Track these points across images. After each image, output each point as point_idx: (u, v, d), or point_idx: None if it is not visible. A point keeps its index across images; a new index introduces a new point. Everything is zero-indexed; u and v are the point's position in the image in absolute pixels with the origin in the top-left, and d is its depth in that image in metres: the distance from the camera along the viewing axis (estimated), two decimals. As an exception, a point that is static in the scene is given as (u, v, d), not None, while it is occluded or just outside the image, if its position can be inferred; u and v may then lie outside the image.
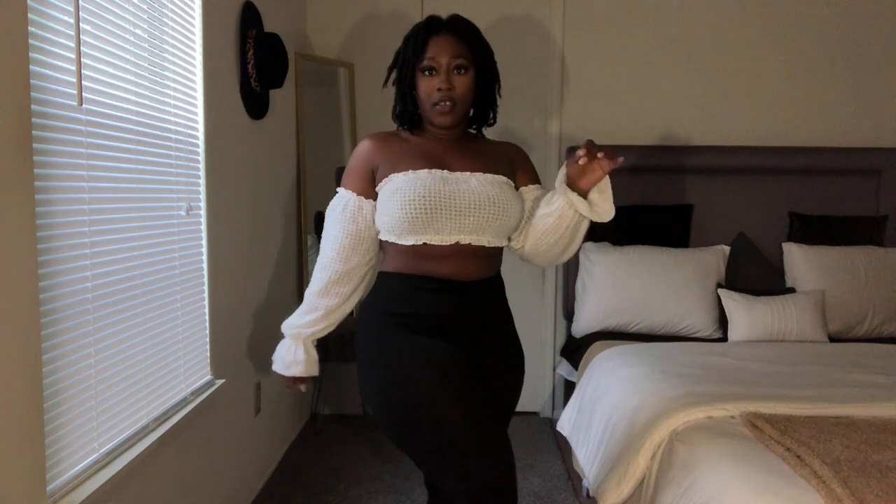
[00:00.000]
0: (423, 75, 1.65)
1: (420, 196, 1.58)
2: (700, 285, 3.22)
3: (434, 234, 1.60)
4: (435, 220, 1.59)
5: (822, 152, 3.51)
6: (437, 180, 1.60)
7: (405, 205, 1.58)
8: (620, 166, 1.72)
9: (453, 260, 1.63)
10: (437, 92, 1.63)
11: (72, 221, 1.45)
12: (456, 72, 1.64)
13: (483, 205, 1.61)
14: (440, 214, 1.59)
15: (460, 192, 1.60)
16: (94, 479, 1.52)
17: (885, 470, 1.64)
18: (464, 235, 1.61)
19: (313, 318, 1.70)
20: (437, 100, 1.64)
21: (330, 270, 1.68)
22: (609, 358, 2.82)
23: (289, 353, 1.74)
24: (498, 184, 1.66)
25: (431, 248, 1.62)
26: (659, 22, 3.60)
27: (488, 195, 1.61)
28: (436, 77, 1.64)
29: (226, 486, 2.44)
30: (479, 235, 1.63)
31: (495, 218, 1.62)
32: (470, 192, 1.60)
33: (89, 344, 1.52)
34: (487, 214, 1.61)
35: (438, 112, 1.65)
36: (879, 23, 3.58)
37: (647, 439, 2.08)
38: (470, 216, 1.60)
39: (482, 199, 1.61)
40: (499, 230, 1.65)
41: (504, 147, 1.80)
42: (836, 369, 2.51)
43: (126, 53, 1.70)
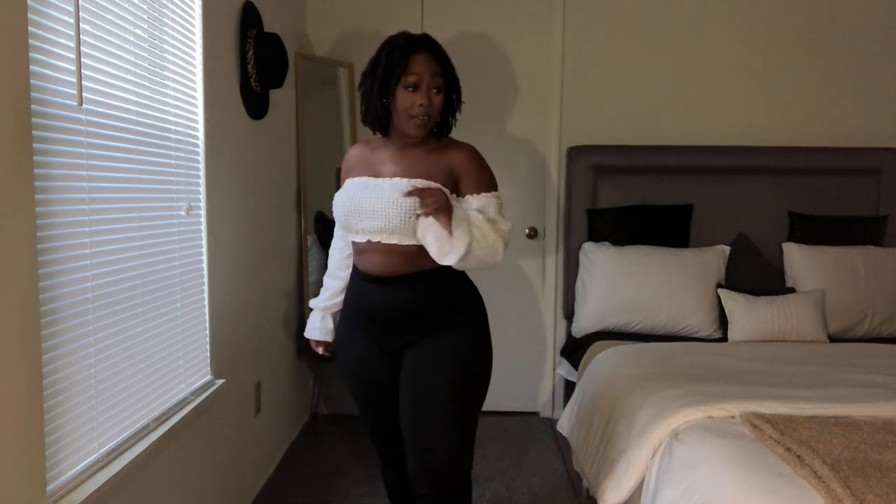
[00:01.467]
0: (404, 90, 1.79)
1: (340, 202, 1.87)
2: (700, 285, 3.22)
3: (354, 234, 1.87)
4: (350, 221, 1.85)
5: (822, 152, 3.51)
6: (357, 188, 1.84)
7: (334, 208, 1.90)
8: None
9: (373, 257, 1.84)
10: (418, 107, 1.79)
11: (72, 221, 1.45)
12: (433, 91, 1.81)
13: (385, 209, 1.78)
14: (350, 217, 1.84)
15: (368, 198, 1.81)
16: (94, 479, 1.52)
17: (885, 470, 1.64)
18: (374, 235, 1.82)
19: (326, 295, 2.07)
20: (416, 114, 1.80)
21: (333, 259, 2.07)
22: (609, 358, 2.82)
23: (311, 321, 2.09)
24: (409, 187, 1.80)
25: (357, 245, 1.89)
26: (659, 22, 3.60)
27: (391, 199, 1.77)
28: (418, 93, 1.80)
29: (226, 486, 2.44)
30: (389, 235, 1.80)
31: (396, 218, 1.77)
32: (377, 196, 1.79)
33: (89, 344, 1.52)
34: (388, 217, 1.78)
35: (415, 125, 1.81)
36: (879, 23, 3.58)
37: (648, 439, 2.08)
38: (372, 219, 1.80)
39: (385, 204, 1.78)
40: (406, 230, 1.78)
41: (454, 152, 1.88)
42: (836, 369, 2.51)
43: (126, 53, 1.70)
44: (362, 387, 1.97)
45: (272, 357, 3.01)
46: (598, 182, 3.52)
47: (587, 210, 3.50)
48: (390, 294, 1.84)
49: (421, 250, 1.79)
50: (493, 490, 2.86)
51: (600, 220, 3.47)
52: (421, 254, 1.80)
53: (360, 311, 1.91)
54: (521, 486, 2.90)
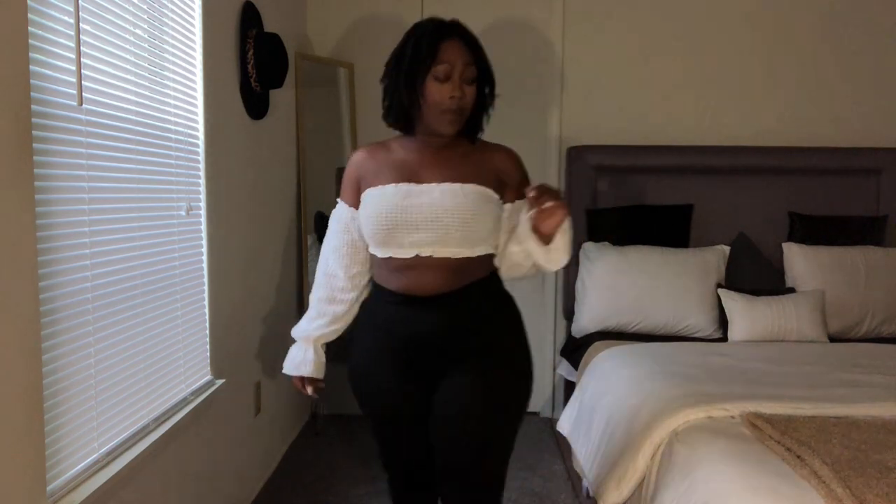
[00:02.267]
0: (434, 81, 1.59)
1: (380, 213, 1.62)
2: (700, 285, 3.22)
3: (396, 248, 1.63)
4: (394, 235, 1.61)
5: (822, 152, 3.51)
6: (399, 195, 1.62)
7: (370, 220, 1.64)
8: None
9: (414, 273, 1.63)
10: (449, 100, 1.59)
11: (72, 221, 1.45)
12: (466, 83, 1.62)
13: (440, 217, 1.59)
14: (398, 229, 1.61)
15: (418, 206, 1.60)
16: (94, 479, 1.52)
17: (885, 470, 1.64)
18: (423, 248, 1.61)
19: (321, 322, 1.77)
20: (448, 107, 1.60)
21: (333, 278, 1.76)
22: (609, 358, 2.82)
23: (298, 354, 1.80)
24: (465, 194, 1.62)
25: (396, 262, 1.64)
26: (659, 22, 3.60)
27: (447, 207, 1.59)
28: (448, 84, 1.59)
29: (226, 486, 2.44)
30: (441, 247, 1.60)
31: (455, 229, 1.59)
32: (429, 204, 1.60)
33: (89, 344, 1.52)
34: (446, 227, 1.59)
35: (448, 121, 1.61)
36: (880, 23, 3.58)
37: (647, 439, 2.08)
38: (427, 229, 1.59)
39: (440, 211, 1.59)
40: (463, 241, 1.61)
41: (495, 154, 1.74)
42: (836, 369, 2.51)
43: (126, 53, 1.70)
44: (392, 421, 1.75)
45: (272, 357, 3.01)
46: (598, 182, 3.51)
47: (587, 210, 3.50)
48: (438, 314, 1.64)
49: (469, 262, 1.64)
50: (493, 490, 2.86)
51: (600, 220, 3.47)
52: (469, 266, 1.64)
53: (394, 337, 1.68)
54: (521, 486, 2.90)
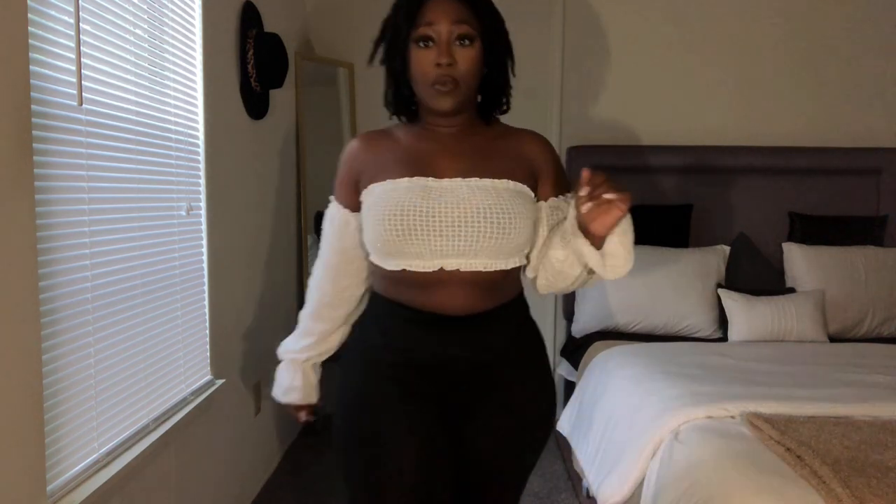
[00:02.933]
0: (417, 47, 1.32)
1: (392, 213, 1.30)
2: (700, 285, 3.22)
3: (414, 259, 1.32)
4: (411, 242, 1.30)
5: (822, 152, 3.51)
6: (415, 192, 1.31)
7: (377, 224, 1.32)
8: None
9: (438, 290, 1.33)
10: (434, 68, 1.31)
11: (72, 221, 1.45)
12: (458, 43, 1.31)
13: (472, 221, 1.30)
14: (417, 235, 1.29)
15: (443, 207, 1.30)
16: (94, 479, 1.52)
17: (885, 470, 1.64)
18: (449, 260, 1.31)
19: (308, 342, 1.55)
20: (434, 78, 1.31)
21: (320, 292, 1.50)
22: (609, 358, 2.82)
23: (286, 378, 1.58)
24: (498, 192, 1.34)
25: (413, 276, 1.33)
26: (660, 22, 3.59)
27: (479, 208, 1.31)
28: (433, 49, 1.31)
29: (226, 486, 2.44)
30: (471, 259, 1.32)
31: (489, 237, 1.30)
32: (457, 205, 1.31)
33: (89, 344, 1.52)
34: (478, 233, 1.30)
35: (437, 93, 1.32)
36: (880, 23, 3.58)
37: (648, 439, 2.08)
38: (455, 237, 1.30)
39: (471, 214, 1.30)
40: (497, 251, 1.33)
41: (524, 140, 1.44)
42: (836, 369, 2.51)
43: (126, 53, 1.70)
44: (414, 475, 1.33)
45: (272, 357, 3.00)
46: (598, 182, 3.51)
47: (587, 210, 3.49)
48: (470, 338, 1.37)
49: (502, 278, 1.37)
50: (493, 490, 2.86)
51: (600, 220, 3.47)
52: (501, 282, 1.38)
53: (411, 365, 1.37)
54: (521, 486, 2.90)
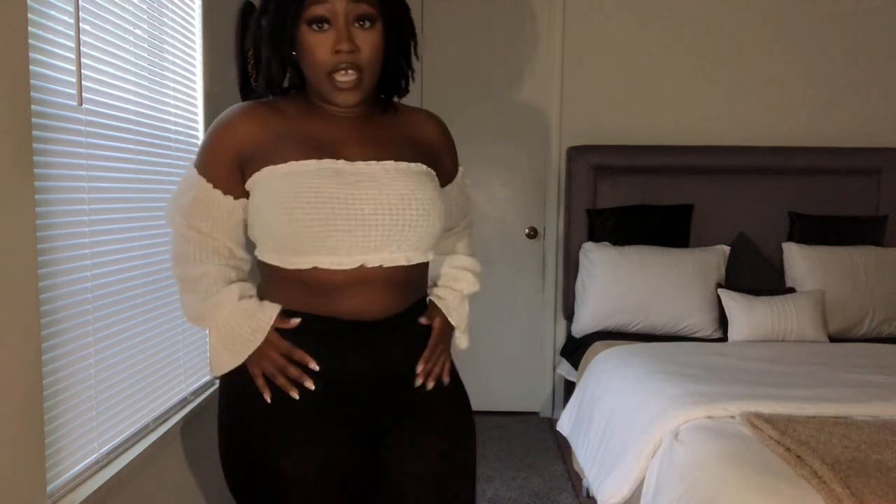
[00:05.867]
0: (309, 30, 1.15)
1: (305, 201, 1.13)
2: (700, 285, 3.22)
3: (328, 255, 1.15)
4: (328, 234, 1.13)
5: (822, 152, 3.51)
6: (328, 176, 1.15)
7: (283, 213, 1.14)
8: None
9: (354, 291, 1.18)
10: (333, 54, 1.15)
11: (72, 221, 1.45)
12: (358, 24, 1.15)
13: (396, 209, 1.16)
14: (336, 226, 1.13)
15: (362, 194, 1.15)
16: (94, 479, 1.52)
17: (885, 470, 1.64)
18: (371, 255, 1.16)
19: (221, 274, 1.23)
20: (333, 66, 1.15)
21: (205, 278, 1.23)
22: (609, 358, 2.82)
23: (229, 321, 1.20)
24: (418, 176, 1.21)
25: (324, 276, 1.16)
26: (659, 22, 3.60)
27: (402, 193, 1.17)
28: (329, 32, 1.15)
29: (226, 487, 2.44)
30: (395, 252, 1.18)
31: (414, 225, 1.17)
32: (379, 190, 1.16)
33: (89, 344, 1.52)
34: (403, 222, 1.16)
35: (338, 89, 1.17)
36: (880, 23, 3.58)
37: (648, 439, 2.08)
38: (380, 226, 1.15)
39: (395, 201, 1.16)
40: (420, 242, 1.20)
41: (422, 122, 1.32)
42: (836, 369, 2.51)
43: (126, 53, 1.70)
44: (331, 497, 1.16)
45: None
46: (598, 182, 3.51)
47: (587, 210, 3.50)
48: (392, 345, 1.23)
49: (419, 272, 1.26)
50: (494, 490, 2.86)
51: (600, 220, 3.47)
52: (417, 276, 1.27)
53: (329, 381, 1.19)
54: (521, 485, 2.90)
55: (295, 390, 1.19)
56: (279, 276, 1.21)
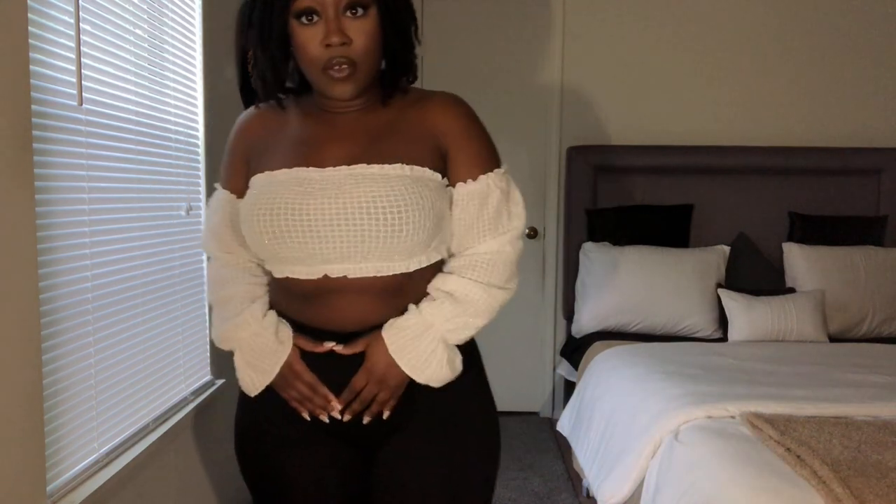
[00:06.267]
0: (298, 24, 1.11)
1: (262, 213, 1.12)
2: (700, 285, 3.22)
3: (295, 265, 1.14)
4: (287, 246, 1.12)
5: (822, 152, 3.51)
6: (290, 186, 1.13)
7: (247, 223, 1.16)
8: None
9: (325, 301, 1.15)
10: (324, 49, 1.10)
11: (72, 221, 1.45)
12: (350, 14, 1.11)
13: (353, 218, 1.10)
14: (291, 238, 1.11)
15: (319, 203, 1.11)
16: (94, 479, 1.52)
17: (886, 470, 1.64)
18: (332, 265, 1.12)
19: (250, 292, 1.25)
20: (325, 61, 1.11)
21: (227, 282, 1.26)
22: (609, 358, 2.82)
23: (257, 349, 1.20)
24: (388, 180, 1.12)
25: (296, 284, 1.16)
26: (660, 22, 3.60)
27: (361, 201, 1.10)
28: (319, 25, 1.10)
29: (226, 487, 2.44)
30: (358, 262, 1.12)
31: (376, 236, 1.10)
32: (335, 198, 1.11)
33: (89, 344, 1.52)
34: (362, 232, 1.10)
35: (331, 80, 1.13)
36: (880, 23, 3.58)
37: (647, 439, 2.08)
38: (336, 238, 1.10)
39: (352, 209, 1.10)
40: (390, 252, 1.12)
41: (429, 110, 1.20)
42: (836, 369, 2.51)
43: (126, 53, 1.70)
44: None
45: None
46: (598, 182, 3.52)
47: (587, 210, 3.50)
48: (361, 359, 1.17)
49: (405, 282, 1.16)
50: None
51: (600, 220, 3.47)
52: (405, 286, 1.17)
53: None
54: (520, 486, 2.90)
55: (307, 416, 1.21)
56: (272, 279, 1.23)
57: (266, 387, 1.22)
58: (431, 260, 1.18)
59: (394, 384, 1.15)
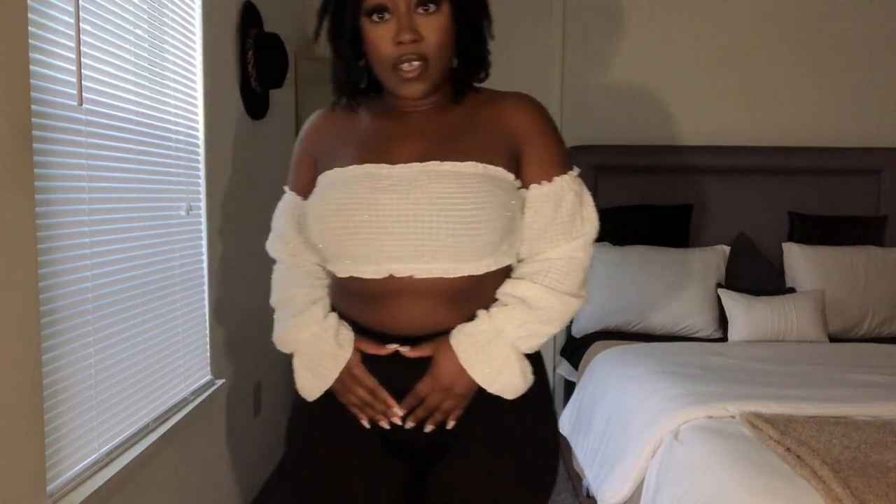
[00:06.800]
0: (370, 22, 1.10)
1: (332, 209, 1.11)
2: (700, 285, 3.22)
3: (362, 264, 1.12)
4: (355, 243, 1.10)
5: (822, 152, 3.51)
6: (362, 183, 1.11)
7: (317, 221, 1.14)
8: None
9: (390, 302, 1.12)
10: (395, 46, 1.09)
11: (72, 221, 1.45)
12: (422, 10, 1.09)
13: (425, 215, 1.07)
14: (360, 235, 1.09)
15: (389, 200, 1.08)
16: (94, 479, 1.52)
17: (885, 470, 1.64)
18: (399, 264, 1.09)
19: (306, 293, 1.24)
20: (395, 58, 1.10)
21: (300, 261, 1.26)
22: (609, 358, 2.82)
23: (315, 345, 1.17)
24: (462, 178, 1.09)
25: (361, 284, 1.13)
26: (660, 22, 3.60)
27: (435, 198, 1.07)
28: (391, 22, 1.09)
29: (226, 486, 2.44)
30: (427, 263, 1.09)
31: (448, 234, 1.07)
32: (406, 195, 1.08)
33: (89, 344, 1.52)
34: (433, 230, 1.07)
35: (402, 79, 1.11)
36: (879, 23, 3.58)
37: (647, 439, 2.08)
38: (406, 235, 1.08)
39: (425, 207, 1.07)
40: (460, 252, 1.09)
41: (505, 108, 1.19)
42: (836, 369, 2.51)
43: (126, 53, 1.70)
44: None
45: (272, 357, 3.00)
46: (598, 182, 3.51)
47: (587, 210, 3.49)
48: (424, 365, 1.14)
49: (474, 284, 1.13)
50: (493, 490, 2.86)
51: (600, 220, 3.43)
52: (473, 290, 1.13)
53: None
54: (521, 486, 2.90)
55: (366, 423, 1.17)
56: (334, 280, 1.22)
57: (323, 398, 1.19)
58: (500, 264, 1.15)
59: (461, 393, 1.11)
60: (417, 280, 1.10)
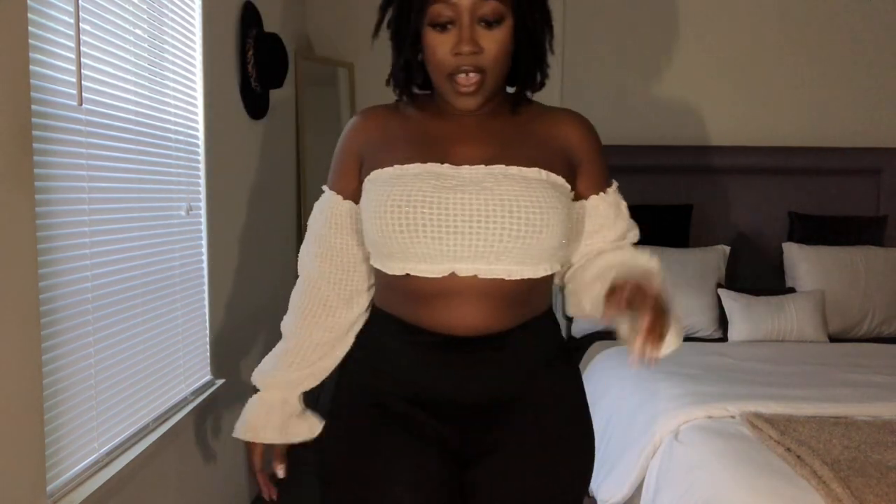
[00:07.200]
0: (432, 29, 1.10)
1: (396, 204, 1.09)
2: (700, 285, 3.22)
3: (420, 262, 1.10)
4: (417, 240, 1.09)
5: (822, 152, 3.51)
6: (426, 180, 1.10)
7: (378, 216, 1.11)
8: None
9: (448, 302, 1.11)
10: (453, 56, 1.09)
11: (72, 221, 1.45)
12: (484, 24, 1.09)
13: (495, 216, 1.08)
14: (425, 232, 1.08)
15: (458, 199, 1.09)
16: (94, 479, 1.51)
17: (885, 470, 1.64)
18: (463, 264, 1.09)
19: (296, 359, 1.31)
20: (453, 67, 1.10)
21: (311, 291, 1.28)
22: (609, 358, 2.82)
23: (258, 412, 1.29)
24: (528, 182, 1.12)
25: (418, 283, 1.12)
26: (660, 22, 3.60)
27: (504, 200, 1.08)
28: (452, 32, 1.09)
29: (225, 486, 2.44)
30: (491, 263, 1.09)
31: (516, 236, 1.08)
32: (476, 195, 1.09)
33: (89, 344, 1.52)
34: (501, 231, 1.07)
35: (457, 92, 1.12)
36: (880, 22, 3.58)
37: (648, 439, 2.08)
38: (473, 234, 1.08)
39: (494, 207, 1.08)
40: (524, 255, 1.10)
41: (562, 123, 1.23)
42: (836, 369, 2.51)
43: (126, 53, 1.70)
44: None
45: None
46: (598, 182, 3.51)
47: (587, 210, 3.50)
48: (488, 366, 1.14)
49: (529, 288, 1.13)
50: (493, 490, 2.86)
51: (600, 220, 3.47)
52: (528, 294, 1.14)
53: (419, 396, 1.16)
54: (521, 486, 2.90)
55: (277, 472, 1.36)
56: (383, 280, 1.19)
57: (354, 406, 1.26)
58: (554, 269, 1.16)
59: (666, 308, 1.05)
60: (479, 281, 1.10)
